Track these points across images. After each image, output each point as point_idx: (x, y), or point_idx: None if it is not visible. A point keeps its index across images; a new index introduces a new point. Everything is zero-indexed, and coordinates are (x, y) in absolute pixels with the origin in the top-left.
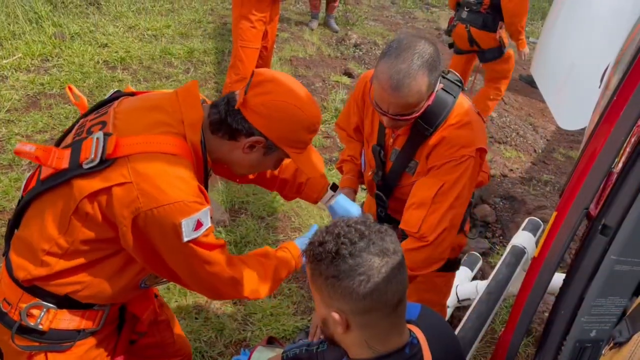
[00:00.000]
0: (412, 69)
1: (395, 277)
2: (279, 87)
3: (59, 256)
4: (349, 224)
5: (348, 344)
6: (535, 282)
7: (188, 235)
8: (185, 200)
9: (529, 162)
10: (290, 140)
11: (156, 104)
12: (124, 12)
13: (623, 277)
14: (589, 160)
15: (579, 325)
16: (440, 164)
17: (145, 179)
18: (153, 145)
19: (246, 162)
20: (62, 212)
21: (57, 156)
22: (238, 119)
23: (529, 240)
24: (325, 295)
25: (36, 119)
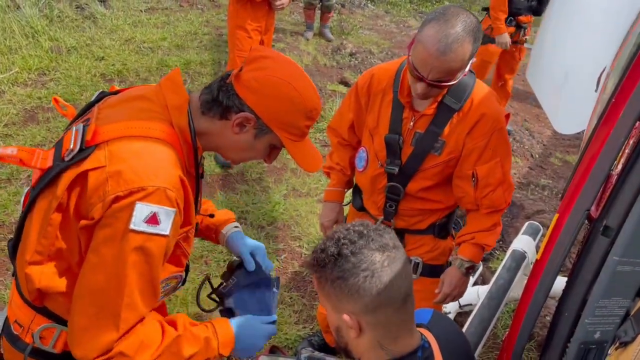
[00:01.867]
0: (460, 35)
1: (399, 271)
2: (275, 63)
3: (38, 263)
4: (347, 227)
5: (361, 350)
6: (538, 284)
7: (136, 224)
8: (156, 185)
9: (526, 167)
10: (283, 122)
11: (139, 94)
12: (120, 25)
13: (626, 277)
14: (589, 162)
15: (583, 327)
16: (487, 142)
17: (119, 161)
18: (135, 129)
19: (236, 145)
20: (45, 213)
21: (41, 157)
22: (230, 95)
23: (529, 244)
24: (334, 300)
25: (34, 133)
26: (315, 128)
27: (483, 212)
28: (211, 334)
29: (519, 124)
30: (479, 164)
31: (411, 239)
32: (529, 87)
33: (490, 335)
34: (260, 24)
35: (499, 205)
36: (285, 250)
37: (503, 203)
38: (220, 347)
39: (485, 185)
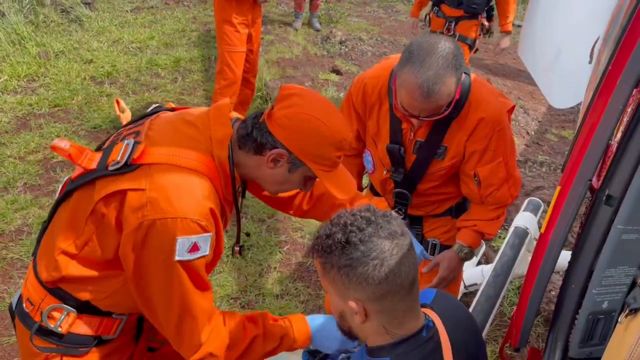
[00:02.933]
0: (440, 74)
1: (407, 258)
2: (303, 100)
3: (71, 257)
4: (353, 213)
5: (367, 333)
6: (543, 258)
7: (181, 255)
8: (190, 218)
9: (523, 144)
10: (315, 155)
11: (189, 119)
12: (107, 26)
13: (631, 245)
14: (588, 133)
15: (591, 298)
16: (487, 144)
17: (159, 189)
18: (177, 159)
19: (272, 178)
20: (82, 212)
21: (88, 157)
22: (263, 132)
23: (531, 220)
24: (340, 287)
25: (27, 140)
26: None
27: (489, 207)
28: (289, 332)
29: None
30: (479, 165)
31: (429, 220)
32: (521, 64)
33: (497, 313)
34: (246, 16)
35: (505, 202)
36: (287, 242)
37: (509, 198)
38: (297, 344)
39: (488, 185)
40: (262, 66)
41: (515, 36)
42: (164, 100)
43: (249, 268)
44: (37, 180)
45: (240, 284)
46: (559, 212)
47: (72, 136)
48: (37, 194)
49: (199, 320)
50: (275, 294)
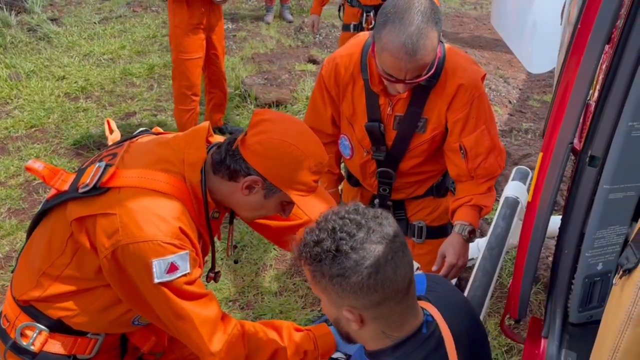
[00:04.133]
0: (422, 28)
1: (402, 261)
2: (275, 125)
3: (54, 279)
4: (342, 215)
5: (365, 338)
6: (534, 226)
7: (159, 277)
8: (159, 240)
9: (506, 114)
10: (290, 181)
11: (165, 141)
12: (76, 41)
13: (619, 204)
14: (564, 95)
15: (585, 261)
16: (469, 111)
17: (128, 213)
18: (146, 181)
19: (247, 205)
20: (60, 234)
21: (62, 178)
22: (236, 159)
23: (521, 189)
24: (333, 296)
25: (7, 164)
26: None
27: (479, 181)
28: (313, 347)
29: (492, 73)
30: (464, 135)
31: (411, 204)
32: (496, 34)
33: (496, 286)
34: (201, 21)
35: (494, 172)
36: None
37: (498, 169)
38: (320, 358)
39: (475, 155)
40: (238, 64)
41: (487, 6)
42: (142, 109)
43: (245, 268)
44: (20, 204)
45: (238, 286)
46: (544, 178)
47: (52, 155)
48: (22, 218)
49: (201, 330)
50: (274, 292)
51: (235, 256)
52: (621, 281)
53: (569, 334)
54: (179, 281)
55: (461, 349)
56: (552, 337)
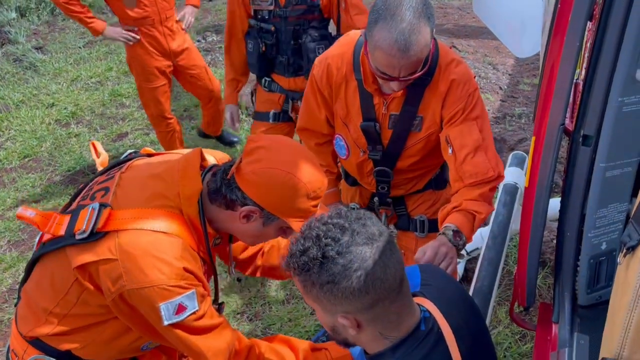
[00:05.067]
0: (414, 23)
1: (391, 260)
2: (270, 153)
3: (61, 317)
4: (324, 221)
5: (364, 342)
6: (533, 210)
7: (168, 319)
8: (164, 284)
9: (498, 100)
10: (288, 209)
11: (158, 172)
12: (62, 67)
13: (617, 181)
14: (551, 76)
15: (588, 242)
16: (463, 106)
17: (130, 258)
18: (143, 222)
19: (247, 233)
20: (62, 277)
21: (56, 222)
22: (232, 188)
23: (519, 174)
24: (326, 303)
25: (3, 197)
26: None
27: (467, 182)
28: None
29: (480, 60)
30: (451, 126)
31: (411, 199)
32: (481, 22)
33: (504, 274)
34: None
35: (484, 173)
36: None
37: (490, 170)
38: None
39: (460, 146)
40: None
41: None
42: (134, 129)
43: (250, 280)
44: (20, 235)
45: (244, 297)
46: (539, 162)
47: (48, 184)
48: (23, 249)
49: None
50: (281, 300)
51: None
52: (625, 259)
53: (580, 316)
54: (189, 319)
55: (462, 342)
56: (563, 321)
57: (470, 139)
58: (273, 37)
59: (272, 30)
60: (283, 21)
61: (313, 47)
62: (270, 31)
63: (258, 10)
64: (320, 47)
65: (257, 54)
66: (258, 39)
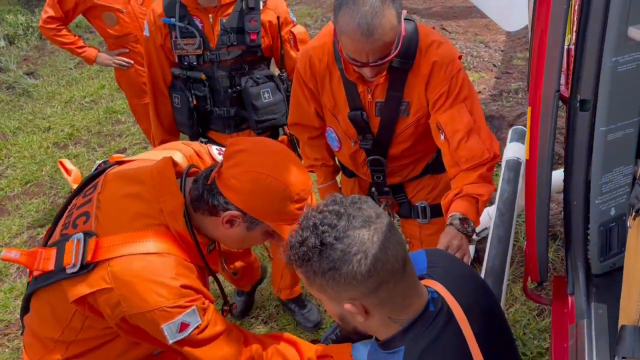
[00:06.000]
0: (375, 6)
1: (390, 241)
2: (251, 156)
3: (69, 343)
4: (320, 209)
5: (373, 328)
6: (537, 182)
7: (172, 337)
8: (164, 306)
9: (493, 78)
10: (271, 213)
11: (136, 191)
12: (55, 90)
13: (619, 144)
14: (541, 43)
15: (596, 209)
16: (447, 89)
17: (126, 285)
18: (132, 247)
19: (232, 238)
20: (62, 308)
21: (43, 257)
22: (214, 194)
23: (520, 149)
24: (330, 292)
25: (8, 225)
26: None
27: (464, 167)
28: None
29: (471, 40)
30: (439, 112)
31: (410, 185)
32: (468, 2)
33: (515, 251)
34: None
35: (480, 155)
36: None
37: (485, 152)
38: None
39: (452, 132)
40: None
41: None
42: (132, 144)
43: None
44: None
45: (257, 301)
46: (537, 133)
47: (52, 207)
48: None
49: None
50: None
51: None
52: (636, 222)
53: (595, 286)
54: (194, 334)
55: (474, 320)
56: (578, 292)
57: (461, 123)
58: (205, 88)
59: (203, 78)
60: (215, 66)
61: (256, 92)
62: (200, 80)
63: (183, 56)
64: (266, 91)
65: (186, 109)
66: (186, 91)
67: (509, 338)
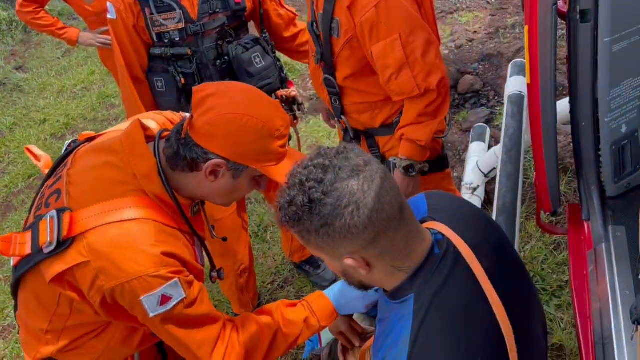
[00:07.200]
0: None
1: (383, 188)
2: (221, 98)
3: (60, 331)
4: (305, 165)
5: (379, 280)
6: (541, 108)
7: (153, 311)
8: (144, 275)
9: (488, 15)
10: (254, 154)
11: (108, 160)
12: (46, 81)
13: (626, 54)
14: None
15: (606, 127)
16: (376, 15)
17: (101, 256)
18: (108, 216)
19: (218, 191)
20: (46, 293)
21: (19, 242)
22: (190, 147)
23: (521, 82)
24: (327, 249)
25: (17, 220)
26: None
27: (394, 98)
28: (309, 314)
29: None
30: (373, 42)
31: (381, 140)
32: None
33: (526, 188)
34: None
35: (409, 91)
36: None
37: (414, 89)
38: (322, 322)
39: (384, 67)
40: None
41: None
42: None
43: (274, 249)
44: None
45: (271, 267)
46: (537, 52)
47: None
48: None
49: (200, 353)
50: None
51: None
52: None
53: (611, 209)
54: (177, 308)
55: (483, 257)
56: (594, 217)
57: (392, 58)
58: (192, 64)
59: (189, 54)
60: (200, 39)
61: (248, 57)
62: (186, 56)
63: (163, 33)
64: (256, 56)
65: (175, 91)
66: (171, 71)
67: (522, 271)
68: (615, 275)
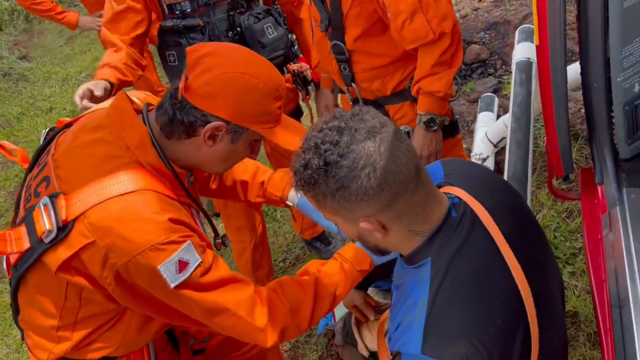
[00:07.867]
0: None
1: (398, 149)
2: (219, 57)
3: (72, 326)
4: (320, 128)
5: (395, 244)
6: (550, 69)
7: (174, 280)
8: (156, 243)
9: None
10: (254, 114)
11: (97, 137)
12: (51, 69)
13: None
14: None
15: (618, 87)
16: None
17: (107, 232)
18: (105, 191)
19: (216, 157)
20: (54, 285)
21: (14, 238)
22: (187, 110)
23: (529, 48)
24: (344, 212)
25: None
26: None
27: (408, 48)
28: (342, 260)
29: None
30: None
31: (391, 110)
32: None
33: (537, 157)
34: None
35: (424, 36)
36: None
37: (429, 33)
38: (356, 266)
39: (396, 13)
40: None
41: None
42: None
43: (285, 226)
44: None
45: (282, 245)
46: (545, 11)
47: None
48: None
49: (240, 313)
50: None
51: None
52: None
53: (625, 171)
54: (196, 274)
55: (501, 220)
56: (608, 180)
57: (404, 3)
58: (204, 35)
59: (201, 25)
60: (211, 9)
61: (261, 27)
62: (198, 28)
63: (174, 5)
64: (268, 26)
65: None
66: (184, 44)
67: (540, 235)
68: (630, 238)
